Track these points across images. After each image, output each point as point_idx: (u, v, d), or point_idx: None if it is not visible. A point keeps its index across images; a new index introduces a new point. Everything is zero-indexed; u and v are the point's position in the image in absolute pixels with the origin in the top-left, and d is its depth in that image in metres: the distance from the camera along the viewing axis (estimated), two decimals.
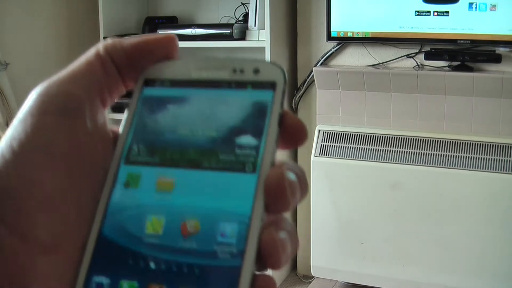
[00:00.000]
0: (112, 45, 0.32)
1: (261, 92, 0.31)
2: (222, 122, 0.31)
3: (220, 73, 0.32)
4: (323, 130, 2.43)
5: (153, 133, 0.32)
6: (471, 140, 2.23)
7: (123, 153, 0.31)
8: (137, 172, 0.31)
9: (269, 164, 0.30)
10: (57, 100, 0.30)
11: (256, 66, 0.32)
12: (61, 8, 2.84)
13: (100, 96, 0.32)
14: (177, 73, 0.33)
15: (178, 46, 0.34)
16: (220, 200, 0.29)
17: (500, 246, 2.20)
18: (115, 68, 0.32)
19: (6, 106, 2.41)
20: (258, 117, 0.31)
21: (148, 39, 0.33)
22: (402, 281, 2.36)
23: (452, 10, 2.25)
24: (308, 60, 2.59)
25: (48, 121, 0.30)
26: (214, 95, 0.32)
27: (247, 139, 0.30)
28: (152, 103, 0.33)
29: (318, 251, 2.48)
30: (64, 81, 0.31)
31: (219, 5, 2.81)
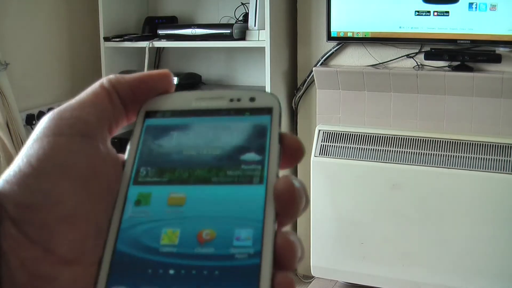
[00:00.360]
0: (116, 79, 0.34)
1: (259, 117, 0.33)
2: (225, 143, 0.33)
3: (218, 103, 0.34)
4: (323, 130, 2.43)
5: (160, 156, 0.33)
6: (471, 140, 2.23)
7: (132, 175, 0.32)
8: (147, 191, 0.32)
9: (275, 176, 0.31)
10: (70, 123, 0.32)
11: (251, 95, 0.34)
12: (61, 8, 2.84)
13: (107, 124, 0.33)
14: (177, 104, 0.35)
15: (174, 81, 0.36)
16: (232, 210, 0.30)
17: (500, 246, 2.20)
18: (119, 101, 0.34)
19: (6, 106, 2.41)
20: (259, 137, 0.32)
21: (149, 73, 0.35)
22: (402, 281, 2.36)
23: (452, 10, 2.25)
24: (308, 60, 2.59)
25: (63, 142, 0.31)
26: (214, 121, 0.34)
27: (252, 156, 0.32)
28: (156, 131, 0.34)
29: (318, 251, 2.48)
30: (75, 107, 0.33)
31: (219, 5, 2.81)
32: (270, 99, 0.34)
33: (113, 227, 0.31)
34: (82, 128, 0.32)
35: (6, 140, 2.38)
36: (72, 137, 0.31)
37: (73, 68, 2.93)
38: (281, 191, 0.30)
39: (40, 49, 2.75)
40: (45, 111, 2.74)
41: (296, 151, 0.33)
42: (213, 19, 2.81)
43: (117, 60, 2.79)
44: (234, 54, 2.86)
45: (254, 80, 2.79)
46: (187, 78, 2.74)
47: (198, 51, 2.91)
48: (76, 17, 2.92)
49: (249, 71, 2.83)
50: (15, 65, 2.55)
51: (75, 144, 0.31)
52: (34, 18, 2.71)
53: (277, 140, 0.32)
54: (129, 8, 2.90)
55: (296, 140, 0.34)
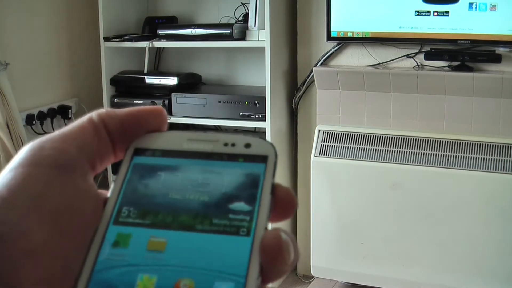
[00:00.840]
0: (106, 113, 0.33)
1: (253, 165, 0.32)
2: (214, 189, 0.31)
3: (211, 146, 0.33)
4: (323, 130, 2.43)
5: (145, 197, 0.31)
6: (471, 140, 2.23)
7: (113, 214, 0.31)
8: (127, 233, 0.30)
9: (263, 228, 0.29)
10: (49, 154, 0.30)
11: (247, 141, 0.33)
12: (61, 8, 2.84)
13: (90, 159, 0.32)
14: (168, 144, 0.33)
15: (167, 118, 0.35)
16: (215, 261, 0.29)
17: (500, 246, 2.20)
18: (107, 136, 0.32)
19: (6, 106, 2.41)
20: (251, 186, 0.31)
21: (141, 109, 0.34)
22: (402, 281, 2.36)
23: (452, 10, 2.25)
24: (308, 60, 2.58)
25: (39, 173, 0.29)
26: (205, 165, 0.32)
27: (240, 205, 0.30)
28: (143, 170, 0.33)
29: (318, 251, 2.48)
30: (57, 139, 0.31)
31: (219, 5, 2.81)
32: (266, 147, 0.32)
33: (86, 267, 0.29)
34: (61, 160, 0.30)
35: (6, 140, 2.39)
36: (48, 168, 0.30)
37: (73, 68, 2.93)
38: (267, 246, 0.29)
39: (40, 49, 2.75)
40: (45, 111, 2.74)
41: (288, 204, 0.32)
42: (213, 19, 2.81)
43: (117, 60, 2.79)
44: (234, 54, 2.86)
45: (254, 80, 2.79)
46: (187, 78, 2.74)
47: (198, 51, 2.91)
48: (76, 17, 2.92)
49: (249, 71, 2.83)
50: (15, 65, 2.55)
51: (50, 177, 0.29)
52: (34, 18, 2.71)
53: (269, 191, 0.31)
54: (129, 8, 2.90)
55: (289, 193, 0.32)
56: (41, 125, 2.72)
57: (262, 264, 0.29)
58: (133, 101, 2.71)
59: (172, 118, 2.64)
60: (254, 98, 2.49)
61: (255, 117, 2.49)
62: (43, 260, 0.28)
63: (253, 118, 2.50)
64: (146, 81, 2.70)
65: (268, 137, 2.48)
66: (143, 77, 2.70)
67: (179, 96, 2.62)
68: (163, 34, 2.64)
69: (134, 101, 2.71)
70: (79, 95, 2.95)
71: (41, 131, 2.73)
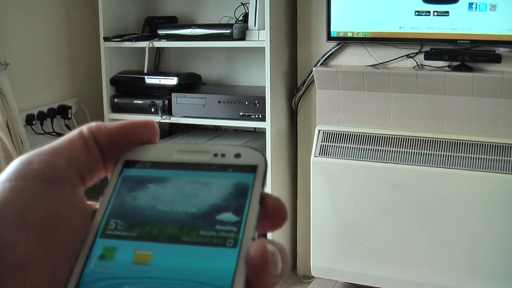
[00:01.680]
0: (96, 127, 0.33)
1: (242, 175, 0.32)
2: (202, 200, 0.31)
3: (201, 157, 0.33)
4: (323, 130, 2.43)
5: (132, 209, 0.32)
6: (471, 140, 2.23)
7: (100, 227, 0.31)
8: (113, 246, 0.30)
9: (250, 239, 0.29)
10: (37, 168, 0.30)
11: (237, 151, 0.33)
12: (61, 8, 2.84)
13: (79, 172, 0.32)
14: (157, 155, 0.33)
15: (158, 131, 0.35)
16: (200, 274, 0.28)
17: (500, 246, 2.20)
18: (97, 150, 0.33)
19: (6, 106, 2.41)
20: (239, 196, 0.31)
21: (132, 122, 0.34)
22: (402, 281, 2.36)
23: (452, 10, 2.25)
24: (308, 60, 2.58)
25: (27, 186, 0.29)
26: (194, 176, 0.32)
27: (228, 216, 0.30)
28: (132, 182, 0.33)
29: (318, 251, 2.48)
30: (45, 153, 0.31)
31: (219, 5, 2.81)
32: (255, 156, 0.32)
33: (72, 280, 0.29)
34: (49, 174, 0.30)
35: (6, 140, 2.39)
36: (36, 182, 0.30)
37: (73, 68, 2.93)
38: (252, 257, 0.28)
39: (40, 49, 2.75)
40: (45, 111, 2.74)
41: (278, 214, 0.31)
42: (213, 19, 2.81)
43: (117, 60, 2.79)
44: (234, 54, 2.86)
45: (254, 80, 2.79)
46: (187, 78, 2.74)
47: (198, 51, 2.91)
48: (76, 17, 2.92)
49: (249, 71, 2.83)
50: (15, 65, 2.55)
51: (38, 190, 0.29)
52: (34, 18, 2.71)
53: (257, 201, 0.30)
54: (129, 8, 2.90)
55: (279, 202, 0.31)
56: (41, 125, 2.72)
57: (247, 277, 0.28)
58: (133, 101, 2.71)
59: (172, 118, 2.64)
60: (254, 98, 2.49)
61: (255, 117, 2.49)
62: (29, 272, 0.28)
63: (253, 118, 2.50)
64: (146, 81, 2.70)
65: (268, 137, 2.48)
66: (143, 77, 2.70)
67: (179, 96, 2.62)
68: (163, 34, 2.64)
69: (134, 101, 2.71)
70: (79, 95, 2.95)
71: (41, 131, 2.73)
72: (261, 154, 0.32)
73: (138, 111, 2.71)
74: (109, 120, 2.77)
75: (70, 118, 2.86)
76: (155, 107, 2.65)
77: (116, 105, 2.75)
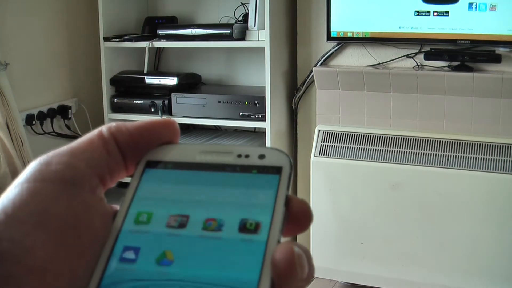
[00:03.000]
0: (116, 127, 0.33)
1: (267, 176, 0.31)
2: (227, 201, 0.31)
3: (224, 158, 0.32)
4: (323, 130, 2.43)
5: (156, 209, 0.31)
6: (471, 140, 2.23)
7: (121, 227, 0.30)
8: (135, 246, 0.30)
9: (275, 242, 0.29)
10: (56, 169, 0.30)
11: (261, 152, 0.32)
12: (61, 8, 2.84)
13: (99, 173, 0.31)
14: (180, 156, 0.33)
15: (179, 131, 0.34)
16: (224, 276, 0.28)
17: (500, 246, 2.20)
18: (117, 150, 0.32)
19: (6, 106, 2.41)
20: (264, 198, 0.30)
21: (152, 122, 0.33)
22: (402, 281, 2.36)
23: (452, 10, 2.25)
24: (308, 60, 2.59)
25: (45, 188, 0.29)
26: (218, 177, 0.32)
27: (253, 218, 0.30)
28: (155, 182, 0.32)
29: (318, 251, 2.48)
30: (64, 154, 0.31)
31: (219, 5, 2.81)
32: (281, 157, 0.32)
33: (92, 283, 0.28)
34: (68, 175, 0.30)
35: (6, 140, 2.38)
36: (55, 184, 0.29)
37: (73, 68, 2.93)
38: (278, 261, 0.27)
39: (40, 49, 2.75)
40: (45, 111, 2.74)
41: (303, 216, 0.31)
42: (213, 19, 2.81)
43: (117, 60, 2.79)
44: (234, 54, 2.86)
45: (254, 80, 2.79)
46: (187, 78, 2.74)
47: (198, 51, 2.91)
48: (76, 17, 2.92)
49: (249, 71, 2.83)
50: (15, 65, 2.55)
51: (57, 192, 0.29)
52: (34, 18, 2.71)
53: (282, 204, 0.30)
54: (129, 8, 2.90)
55: (305, 205, 0.31)
56: (41, 125, 2.72)
57: (273, 280, 0.27)
58: (133, 101, 2.71)
59: (172, 118, 2.63)
60: (254, 98, 2.49)
61: (255, 117, 2.49)
62: (48, 277, 0.27)
63: (253, 118, 2.50)
64: (146, 81, 2.70)
65: (268, 137, 2.48)
66: (143, 77, 2.70)
67: (179, 96, 2.62)
68: (163, 34, 2.64)
69: (134, 101, 2.71)
70: (79, 95, 2.95)
71: (41, 131, 2.73)
72: (286, 155, 0.32)
73: (138, 111, 2.71)
74: (109, 120, 2.77)
75: (70, 118, 2.86)
76: (155, 107, 2.65)
77: (116, 105, 2.75)
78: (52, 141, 2.82)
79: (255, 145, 0.34)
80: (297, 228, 0.31)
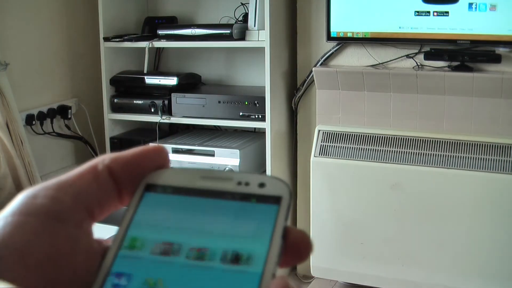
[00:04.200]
0: (111, 158, 0.32)
1: (266, 206, 0.31)
2: (224, 230, 0.30)
3: (224, 184, 0.32)
4: (323, 130, 2.43)
5: (151, 236, 0.31)
6: (471, 140, 2.23)
7: (117, 253, 0.30)
8: (128, 272, 0.29)
9: (270, 275, 0.28)
10: (41, 203, 0.29)
11: (261, 180, 0.32)
12: (61, 8, 2.84)
13: (87, 207, 0.31)
14: (180, 181, 0.33)
15: (169, 156, 0.34)
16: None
17: (500, 246, 2.20)
18: (111, 182, 0.32)
19: (6, 106, 2.41)
20: (262, 228, 0.30)
21: (145, 149, 0.33)
22: (402, 281, 2.36)
23: (452, 10, 2.25)
24: (308, 60, 2.58)
25: (30, 223, 0.29)
26: (217, 205, 0.32)
27: (249, 249, 0.29)
28: (153, 207, 0.32)
29: (318, 251, 2.48)
30: (51, 187, 0.30)
31: (219, 5, 2.81)
32: (280, 187, 0.31)
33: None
34: (53, 209, 0.29)
35: (6, 140, 2.38)
36: (40, 218, 0.29)
37: (73, 68, 2.93)
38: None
39: (40, 49, 2.75)
40: (45, 111, 2.74)
41: (302, 248, 0.30)
42: (213, 19, 2.81)
43: (117, 60, 2.79)
44: (234, 54, 2.86)
45: (254, 80, 2.79)
46: (187, 78, 2.74)
47: (198, 51, 2.91)
48: (76, 17, 2.92)
49: (249, 71, 2.83)
50: (15, 65, 2.55)
51: (41, 226, 0.28)
52: (34, 18, 2.71)
53: (280, 235, 0.29)
54: (129, 8, 2.90)
55: (303, 236, 0.30)
56: (41, 125, 2.72)
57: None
58: (133, 101, 2.71)
59: (172, 118, 2.64)
60: (254, 98, 2.49)
61: (255, 117, 2.49)
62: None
63: (253, 118, 2.50)
64: (146, 81, 2.70)
65: (268, 137, 2.48)
66: (143, 77, 2.70)
67: (179, 96, 2.62)
68: (163, 34, 2.64)
69: (134, 101, 2.71)
70: (79, 95, 2.95)
71: (41, 131, 2.73)
72: (286, 185, 0.32)
73: (138, 111, 2.71)
74: (109, 120, 2.77)
75: (70, 118, 2.86)
76: (155, 107, 2.65)
77: (116, 105, 2.75)
78: (52, 141, 2.82)
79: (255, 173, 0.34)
80: (296, 260, 0.30)
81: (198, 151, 2.57)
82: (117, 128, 2.83)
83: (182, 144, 2.63)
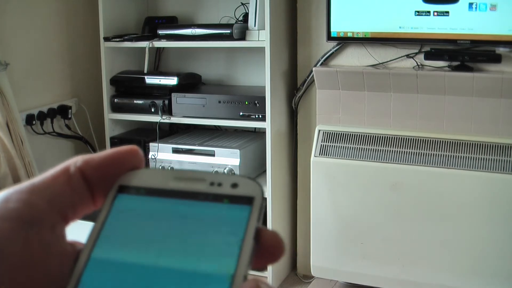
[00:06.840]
0: (83, 161, 0.32)
1: (238, 207, 0.31)
2: (195, 232, 0.30)
3: (197, 185, 0.32)
4: (323, 130, 2.43)
5: (123, 241, 0.31)
6: (471, 140, 2.23)
7: (89, 257, 0.30)
8: (101, 278, 0.29)
9: (242, 277, 0.28)
10: (14, 207, 0.29)
11: (234, 181, 0.32)
12: (61, 8, 2.84)
13: (60, 210, 0.31)
14: (153, 182, 0.32)
15: (143, 158, 0.34)
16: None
17: (500, 246, 2.20)
18: (83, 185, 0.32)
19: (6, 106, 2.41)
20: (234, 230, 0.30)
21: (118, 150, 0.33)
22: (402, 281, 2.36)
23: (452, 10, 2.25)
24: (308, 60, 2.58)
25: (2, 227, 0.28)
26: (189, 206, 0.31)
27: (221, 251, 0.29)
28: (125, 210, 0.32)
29: (318, 251, 2.48)
30: (24, 190, 0.30)
31: (219, 5, 2.81)
32: (253, 187, 0.31)
33: None
34: (26, 213, 0.29)
35: (6, 140, 2.38)
36: (12, 222, 0.28)
37: (73, 68, 2.93)
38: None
39: (40, 49, 2.75)
40: (45, 111, 2.74)
41: (275, 249, 0.30)
42: (213, 19, 2.81)
43: (117, 60, 2.80)
44: (234, 54, 2.86)
45: (254, 80, 2.79)
46: (187, 78, 2.74)
47: (198, 51, 2.91)
48: (76, 17, 2.92)
49: (249, 71, 2.83)
50: (15, 65, 2.55)
51: (13, 231, 0.28)
52: (34, 18, 2.71)
53: (252, 236, 0.29)
54: (129, 8, 2.90)
55: (276, 237, 0.30)
56: (41, 125, 2.72)
57: None
58: (133, 101, 2.72)
59: (172, 118, 2.64)
60: (254, 98, 2.49)
61: (255, 117, 2.49)
62: None
63: (253, 118, 2.50)
64: (146, 81, 2.70)
65: (268, 137, 2.48)
66: (143, 77, 2.70)
67: (179, 96, 2.62)
68: (163, 34, 2.64)
69: (134, 101, 2.71)
70: (79, 95, 2.95)
71: (41, 131, 2.73)
72: (258, 185, 0.32)
73: (138, 111, 2.71)
74: (109, 120, 2.77)
75: (70, 118, 2.86)
76: (155, 107, 2.65)
77: (116, 105, 2.75)
78: (52, 141, 2.82)
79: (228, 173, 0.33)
80: (269, 261, 0.30)
81: (198, 151, 2.57)
82: (117, 128, 2.83)
83: (182, 144, 2.63)
